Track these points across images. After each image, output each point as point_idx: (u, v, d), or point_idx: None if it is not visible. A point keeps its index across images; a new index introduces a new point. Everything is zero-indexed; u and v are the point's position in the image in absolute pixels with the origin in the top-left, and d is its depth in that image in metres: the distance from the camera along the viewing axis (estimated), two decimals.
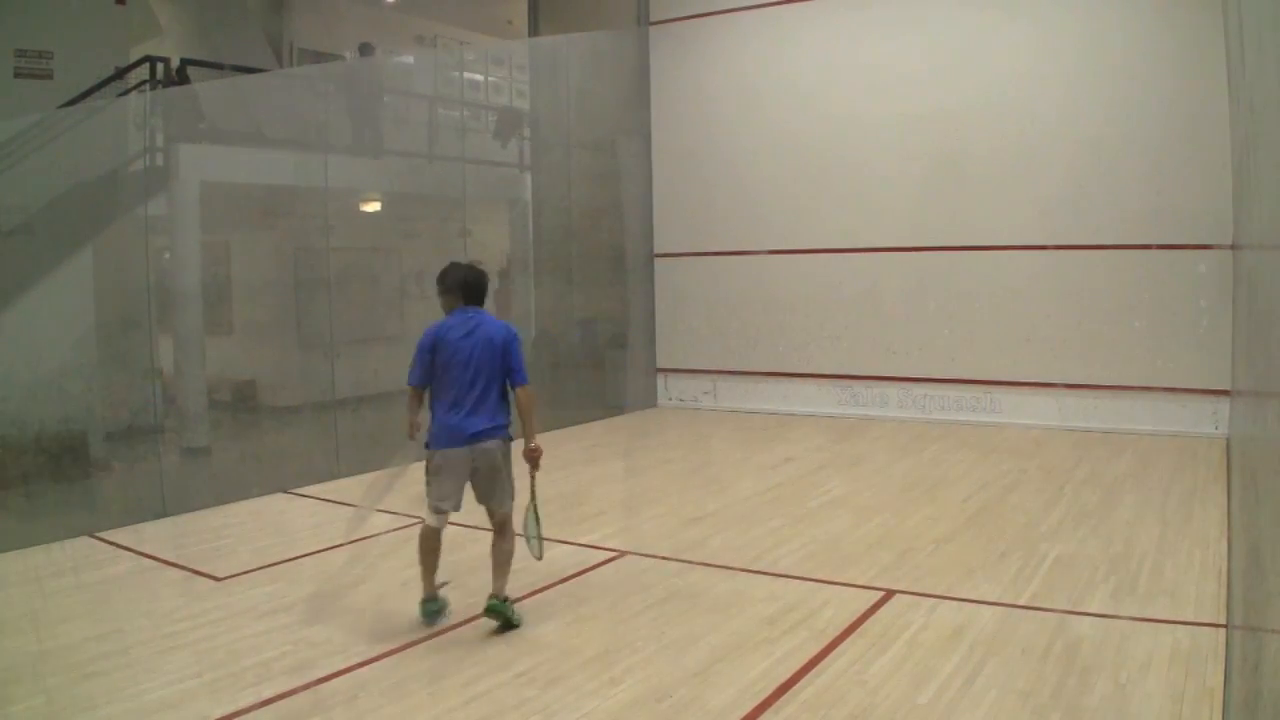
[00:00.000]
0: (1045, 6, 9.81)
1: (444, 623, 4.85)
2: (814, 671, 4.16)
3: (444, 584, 4.98)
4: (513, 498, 4.98)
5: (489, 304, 5.17)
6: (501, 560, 4.88)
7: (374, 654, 4.49)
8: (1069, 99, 9.67)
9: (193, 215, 9.04)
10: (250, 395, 10.30)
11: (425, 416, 4.90)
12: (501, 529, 4.95)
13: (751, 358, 11.55)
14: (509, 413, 4.93)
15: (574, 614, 4.97)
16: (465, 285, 4.96)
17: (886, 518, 6.67)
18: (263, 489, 7.92)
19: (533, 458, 4.92)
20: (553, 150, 12.52)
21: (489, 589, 4.80)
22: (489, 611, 4.75)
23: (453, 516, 4.82)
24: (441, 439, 4.79)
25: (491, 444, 4.82)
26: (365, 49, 12.12)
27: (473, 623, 4.85)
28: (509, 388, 4.90)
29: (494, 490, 4.90)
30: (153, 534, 6.72)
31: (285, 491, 7.98)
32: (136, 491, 7.45)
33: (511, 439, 4.95)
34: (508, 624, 4.76)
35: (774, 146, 11.31)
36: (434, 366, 4.84)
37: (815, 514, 6.85)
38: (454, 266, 5.06)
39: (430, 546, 4.86)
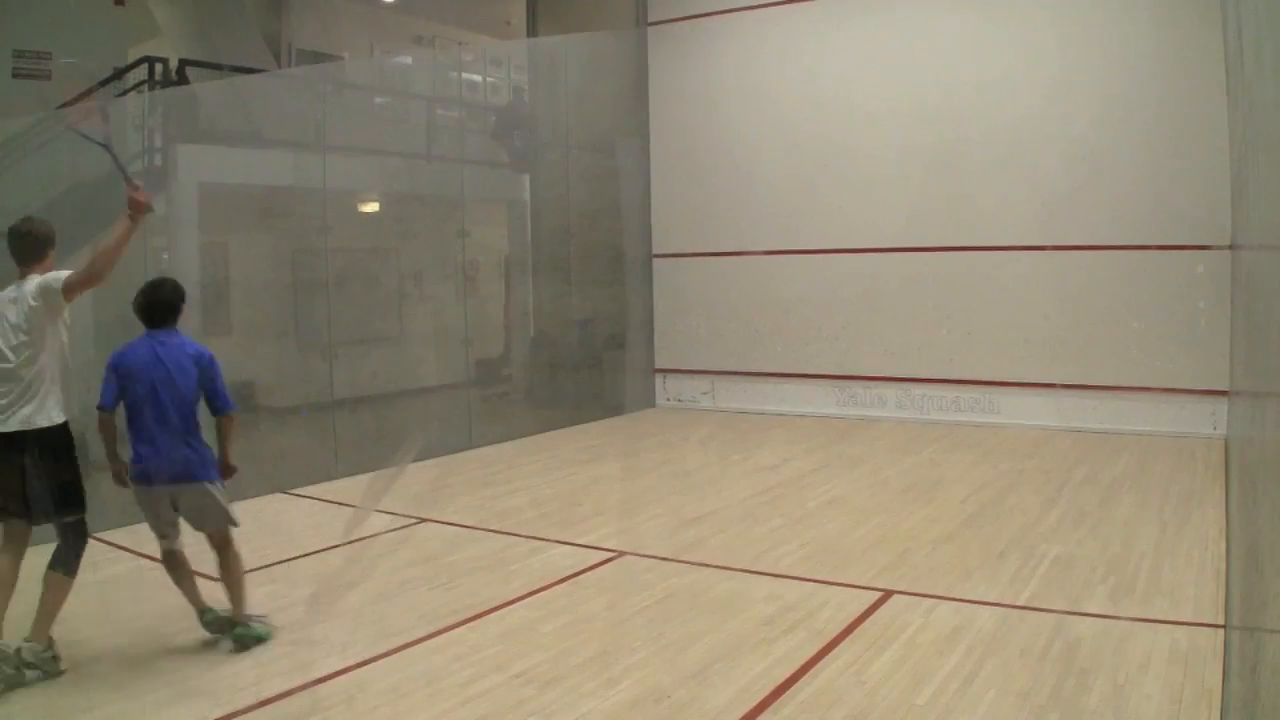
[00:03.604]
0: (1044, 6, 9.81)
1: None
2: (812, 672, 4.16)
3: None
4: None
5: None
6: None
7: (372, 654, 4.48)
8: (1068, 98, 9.66)
9: (191, 216, 9.02)
10: (248, 396, 10.26)
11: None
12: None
13: (750, 358, 11.55)
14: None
15: (572, 615, 4.97)
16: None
17: (885, 518, 6.67)
18: (260, 490, 7.90)
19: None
20: (551, 150, 12.51)
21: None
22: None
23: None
24: None
25: None
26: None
27: (471, 623, 4.85)
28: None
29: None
30: (152, 534, 6.70)
31: (283, 492, 7.98)
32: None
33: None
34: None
35: (773, 146, 11.31)
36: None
37: (814, 514, 6.85)
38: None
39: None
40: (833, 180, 10.92)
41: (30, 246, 4.40)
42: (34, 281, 4.33)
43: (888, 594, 5.12)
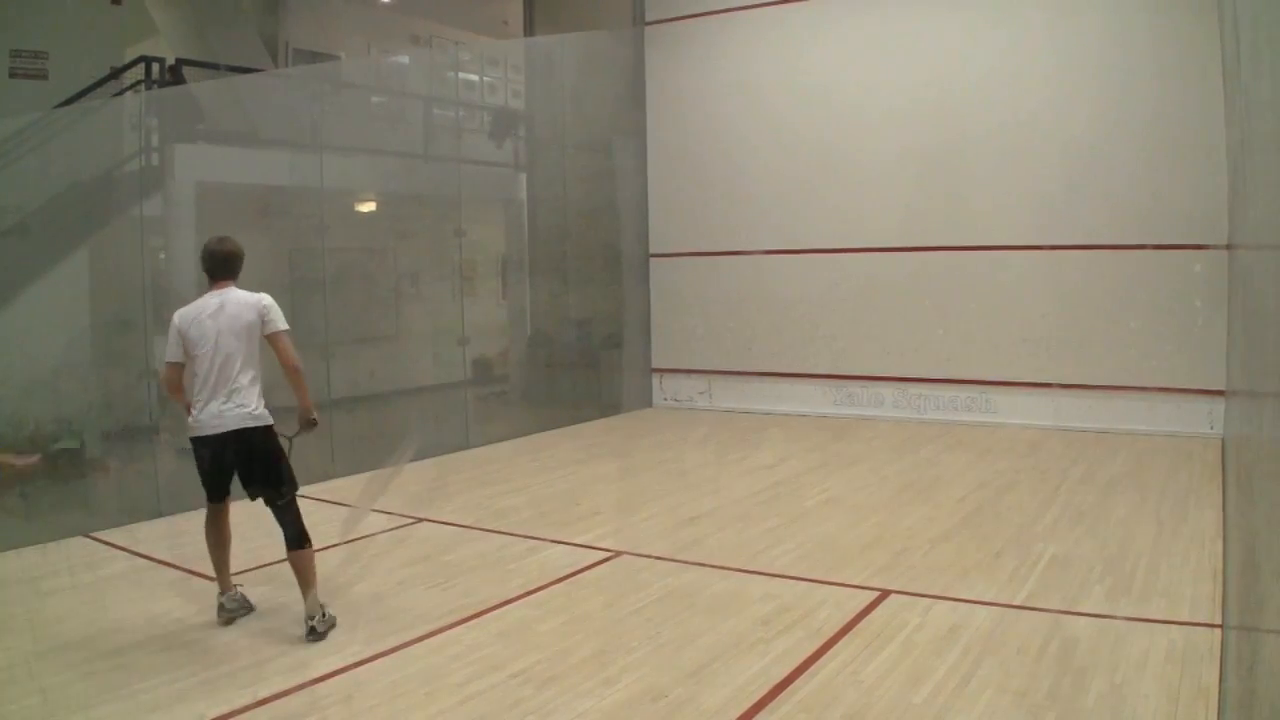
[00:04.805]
0: (1040, 6, 9.82)
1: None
2: (809, 671, 4.16)
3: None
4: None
5: None
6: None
7: (370, 654, 4.48)
8: (1064, 98, 9.66)
9: (188, 215, 9.01)
10: None
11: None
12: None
13: (747, 358, 11.56)
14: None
15: (569, 614, 4.97)
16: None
17: (882, 518, 6.68)
18: None
19: None
20: (548, 150, 12.51)
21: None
22: None
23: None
24: None
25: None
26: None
27: (468, 622, 4.85)
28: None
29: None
30: (148, 534, 6.71)
31: None
32: (132, 492, 7.43)
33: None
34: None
35: (770, 146, 11.31)
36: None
37: (811, 514, 6.85)
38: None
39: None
40: (830, 180, 10.93)
41: (237, 263, 5.05)
42: (254, 297, 4.95)
43: (885, 593, 5.12)
